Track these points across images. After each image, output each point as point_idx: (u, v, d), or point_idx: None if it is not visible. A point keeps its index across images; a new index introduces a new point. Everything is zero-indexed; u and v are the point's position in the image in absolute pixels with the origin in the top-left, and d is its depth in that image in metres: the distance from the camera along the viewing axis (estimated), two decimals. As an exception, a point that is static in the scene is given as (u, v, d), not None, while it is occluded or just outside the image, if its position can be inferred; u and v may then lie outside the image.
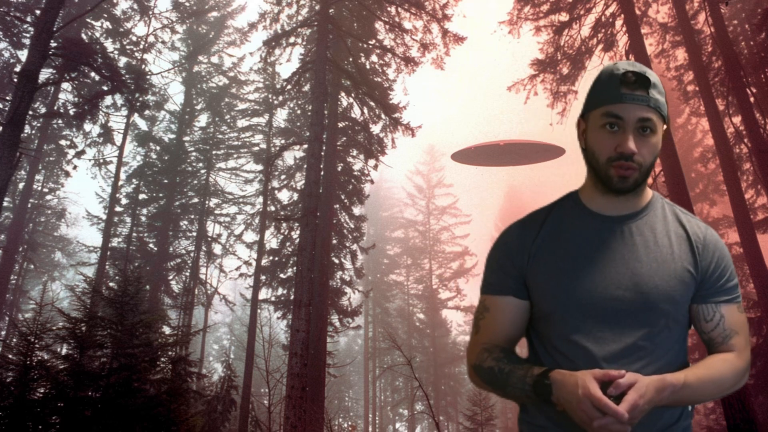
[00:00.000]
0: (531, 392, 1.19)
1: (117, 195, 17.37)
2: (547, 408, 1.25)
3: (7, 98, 10.93)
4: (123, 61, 17.44)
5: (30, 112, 10.18)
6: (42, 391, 6.51)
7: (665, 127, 1.29)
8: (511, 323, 1.35)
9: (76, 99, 16.51)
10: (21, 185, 19.04)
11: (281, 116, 26.23)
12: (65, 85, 16.59)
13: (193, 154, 20.48)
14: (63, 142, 19.70)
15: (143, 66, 17.20)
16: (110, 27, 17.15)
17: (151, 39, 18.02)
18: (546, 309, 1.30)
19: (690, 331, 1.35)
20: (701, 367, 1.22)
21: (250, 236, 22.04)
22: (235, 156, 21.30)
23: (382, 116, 14.81)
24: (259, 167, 21.16)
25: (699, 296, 1.28)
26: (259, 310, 18.18)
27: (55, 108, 17.08)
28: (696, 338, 12.23)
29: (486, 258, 1.42)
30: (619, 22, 12.08)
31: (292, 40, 13.58)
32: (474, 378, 1.35)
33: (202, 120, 21.09)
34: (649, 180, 1.37)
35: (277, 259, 18.42)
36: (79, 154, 16.81)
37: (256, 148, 21.21)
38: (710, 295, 1.28)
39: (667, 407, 1.22)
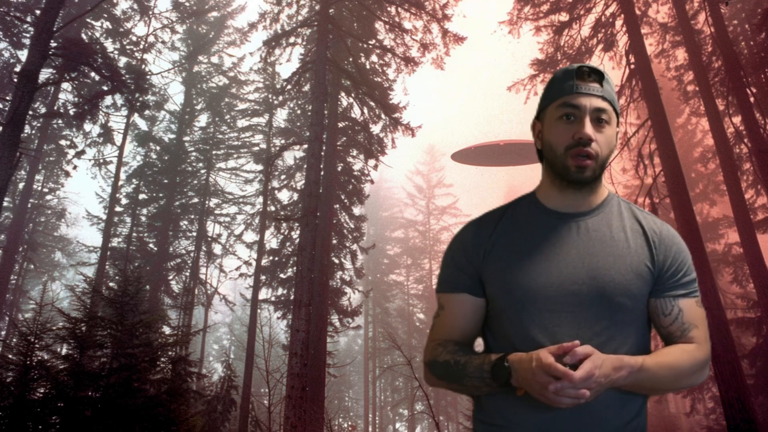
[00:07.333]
0: (489, 378, 1.20)
1: (117, 195, 17.36)
2: (504, 404, 1.25)
3: (7, 98, 10.94)
4: (123, 61, 17.45)
5: (30, 112, 10.18)
6: (42, 391, 6.50)
7: (618, 130, 1.33)
8: (467, 320, 1.35)
9: (76, 99, 16.50)
10: (21, 185, 19.03)
11: (281, 116, 26.28)
12: (65, 85, 16.59)
13: (193, 154, 20.48)
14: (63, 142, 19.71)
15: (143, 66, 17.20)
16: (110, 27, 17.15)
17: (151, 39, 18.03)
18: (501, 305, 1.29)
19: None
20: (659, 354, 1.22)
21: (250, 236, 22.10)
22: (235, 156, 21.30)
23: (382, 116, 14.80)
24: (259, 167, 21.17)
25: (656, 290, 1.28)
26: (259, 310, 18.17)
27: (55, 108, 17.07)
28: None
29: (442, 257, 1.43)
30: (619, 22, 12.08)
31: (292, 40, 13.57)
32: (428, 376, 1.34)
33: (202, 120, 21.11)
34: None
35: (277, 259, 18.41)
36: (79, 154, 16.81)
37: (256, 148, 21.21)
38: (668, 289, 1.28)
39: (626, 402, 1.22)
